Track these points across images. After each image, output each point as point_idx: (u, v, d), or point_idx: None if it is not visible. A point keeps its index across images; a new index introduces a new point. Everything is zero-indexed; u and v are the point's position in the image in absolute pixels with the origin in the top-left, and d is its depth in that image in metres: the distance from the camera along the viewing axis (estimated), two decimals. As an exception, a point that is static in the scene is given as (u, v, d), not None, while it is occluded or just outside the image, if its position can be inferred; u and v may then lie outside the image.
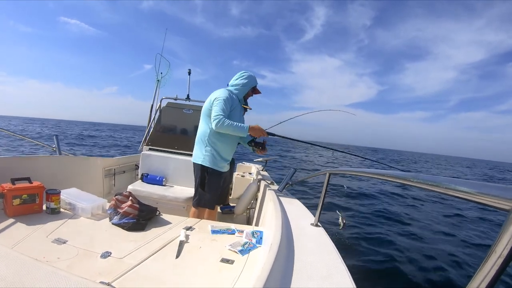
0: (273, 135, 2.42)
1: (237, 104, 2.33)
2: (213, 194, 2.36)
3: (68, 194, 1.91)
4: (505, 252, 0.50)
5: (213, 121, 2.12)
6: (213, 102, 2.20)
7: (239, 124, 2.16)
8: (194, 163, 2.37)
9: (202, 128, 2.33)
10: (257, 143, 2.42)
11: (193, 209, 2.39)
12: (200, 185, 2.31)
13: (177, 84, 3.58)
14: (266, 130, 2.35)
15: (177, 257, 1.37)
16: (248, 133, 2.23)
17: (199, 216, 2.32)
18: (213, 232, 1.75)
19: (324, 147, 3.17)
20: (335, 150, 3.05)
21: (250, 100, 2.49)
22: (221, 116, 2.10)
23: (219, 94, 2.21)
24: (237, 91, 2.36)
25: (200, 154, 2.31)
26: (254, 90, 2.48)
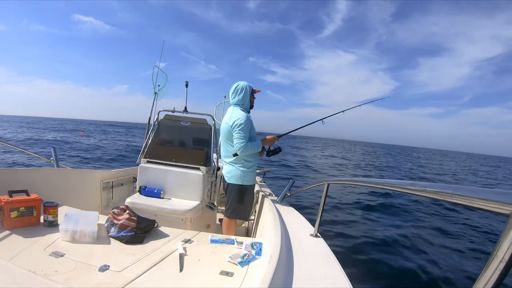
0: (283, 135, 2.76)
1: (252, 122, 2.47)
2: (250, 206, 2.58)
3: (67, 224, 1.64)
4: (507, 257, 0.50)
5: (237, 149, 2.33)
6: (233, 128, 2.34)
7: (255, 143, 2.43)
8: (231, 183, 2.46)
9: (231, 149, 2.45)
10: (274, 151, 2.66)
11: (226, 219, 2.50)
12: (239, 201, 2.44)
13: (191, 81, 3.45)
14: (276, 135, 2.68)
15: (181, 270, 1.35)
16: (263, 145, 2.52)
17: (230, 224, 2.49)
18: (212, 241, 1.74)
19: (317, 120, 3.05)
20: (324, 118, 2.98)
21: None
22: (243, 144, 2.30)
23: (238, 120, 2.33)
24: (244, 106, 2.49)
25: (237, 175, 2.43)
26: (254, 92, 2.60)
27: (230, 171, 2.48)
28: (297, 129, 3.02)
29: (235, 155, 2.39)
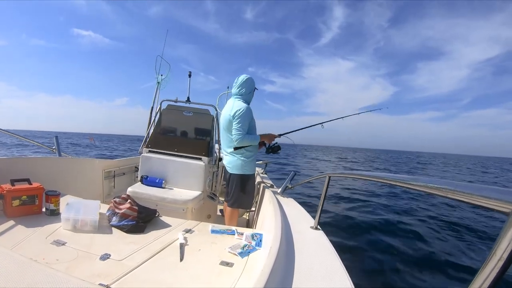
0: (283, 134, 2.84)
1: (252, 113, 2.47)
2: (252, 195, 2.65)
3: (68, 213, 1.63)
4: (505, 255, 0.50)
5: (234, 140, 2.38)
6: (233, 118, 2.36)
7: (253, 136, 2.47)
8: (233, 173, 2.49)
9: (231, 140, 2.47)
10: (273, 148, 2.73)
11: (229, 209, 2.54)
12: (242, 191, 2.48)
13: (191, 92, 3.47)
14: (278, 134, 2.75)
15: (181, 260, 1.36)
16: (261, 141, 2.56)
17: (233, 214, 2.53)
18: (213, 231, 1.75)
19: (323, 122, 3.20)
20: (324, 122, 3.17)
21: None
22: (240, 135, 2.34)
23: (239, 111, 2.34)
24: (246, 99, 2.51)
25: (238, 165, 2.47)
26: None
27: (231, 161, 2.51)
28: (298, 130, 3.02)
29: (236, 148, 2.42)
